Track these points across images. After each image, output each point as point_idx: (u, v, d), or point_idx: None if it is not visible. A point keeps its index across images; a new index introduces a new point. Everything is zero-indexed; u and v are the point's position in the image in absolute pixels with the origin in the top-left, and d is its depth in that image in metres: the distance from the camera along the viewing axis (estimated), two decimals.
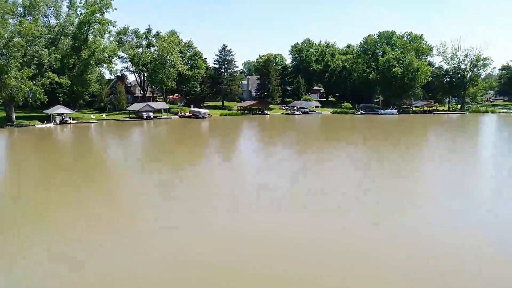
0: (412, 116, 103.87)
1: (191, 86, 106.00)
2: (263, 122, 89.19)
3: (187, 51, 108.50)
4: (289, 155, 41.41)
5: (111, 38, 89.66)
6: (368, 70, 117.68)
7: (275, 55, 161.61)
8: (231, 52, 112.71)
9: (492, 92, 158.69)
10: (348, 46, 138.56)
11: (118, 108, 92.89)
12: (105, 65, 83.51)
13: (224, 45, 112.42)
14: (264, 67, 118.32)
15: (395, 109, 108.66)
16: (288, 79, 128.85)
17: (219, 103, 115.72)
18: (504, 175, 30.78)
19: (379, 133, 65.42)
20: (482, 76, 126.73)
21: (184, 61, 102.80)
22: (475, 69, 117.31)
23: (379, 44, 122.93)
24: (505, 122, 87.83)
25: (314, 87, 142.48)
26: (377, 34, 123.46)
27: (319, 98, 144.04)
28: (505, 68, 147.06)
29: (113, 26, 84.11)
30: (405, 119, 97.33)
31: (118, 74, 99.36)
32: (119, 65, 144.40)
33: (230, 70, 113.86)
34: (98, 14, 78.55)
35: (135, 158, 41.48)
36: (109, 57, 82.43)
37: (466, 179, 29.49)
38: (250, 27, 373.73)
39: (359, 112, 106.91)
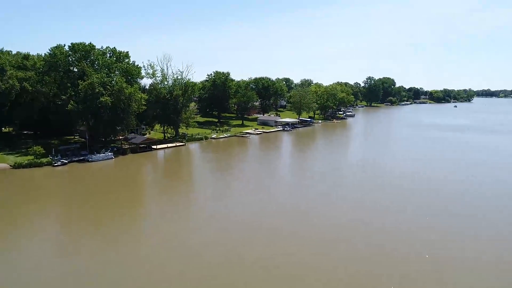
0: (131, 160, 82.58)
1: None
2: None
3: None
4: None
5: None
6: (64, 97, 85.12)
7: None
8: None
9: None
10: (26, 57, 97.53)
11: None
12: None
13: None
14: None
15: (109, 151, 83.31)
16: None
17: None
18: None
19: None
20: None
21: None
22: (186, 94, 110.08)
23: (73, 60, 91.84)
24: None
25: None
26: (69, 45, 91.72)
27: None
28: (202, 87, 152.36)
29: None
30: (124, 167, 74.67)
31: None
32: None
33: None
34: None
35: None
36: None
37: None
38: None
39: (59, 163, 73.66)
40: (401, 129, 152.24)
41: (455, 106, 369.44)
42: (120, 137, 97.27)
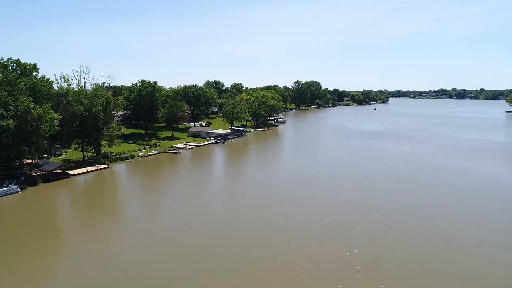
0: (42, 192, 71.67)
1: None
2: None
3: None
4: None
5: None
6: None
7: None
8: None
9: None
10: None
11: None
12: None
13: None
14: None
15: (14, 183, 71.26)
16: None
17: None
18: None
19: None
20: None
21: None
22: (108, 110, 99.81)
23: None
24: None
25: None
26: None
27: None
28: (127, 98, 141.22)
29: None
30: (32, 204, 63.99)
31: None
32: None
33: None
34: None
35: None
36: None
37: None
38: None
39: None
40: (329, 138, 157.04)
41: (375, 109, 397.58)
42: (28, 162, 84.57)
